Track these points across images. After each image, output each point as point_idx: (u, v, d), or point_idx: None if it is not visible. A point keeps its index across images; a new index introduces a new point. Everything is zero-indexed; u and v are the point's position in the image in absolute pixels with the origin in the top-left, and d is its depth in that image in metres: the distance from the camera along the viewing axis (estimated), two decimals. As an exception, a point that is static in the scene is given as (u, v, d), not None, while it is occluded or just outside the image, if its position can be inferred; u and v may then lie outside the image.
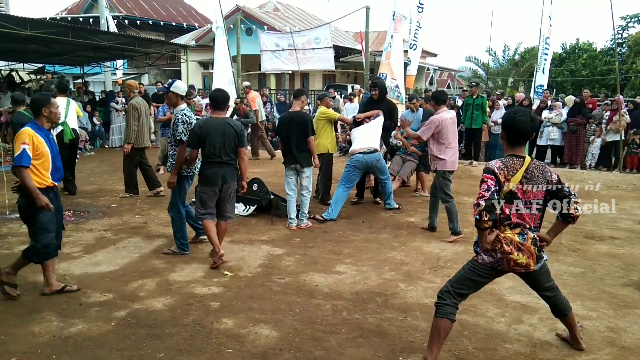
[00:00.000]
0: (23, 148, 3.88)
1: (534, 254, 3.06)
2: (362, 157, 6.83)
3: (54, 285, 4.24)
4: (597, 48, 28.40)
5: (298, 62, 15.20)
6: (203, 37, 23.63)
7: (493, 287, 4.25)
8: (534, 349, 3.43)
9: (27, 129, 4.00)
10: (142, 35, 19.44)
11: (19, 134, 3.98)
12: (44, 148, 4.01)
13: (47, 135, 4.10)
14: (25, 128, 4.02)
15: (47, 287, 4.23)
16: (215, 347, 3.41)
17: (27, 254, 4.14)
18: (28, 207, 4.00)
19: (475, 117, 11.57)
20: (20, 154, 3.87)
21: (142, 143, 7.95)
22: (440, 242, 5.84)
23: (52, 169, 4.07)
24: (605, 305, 4.14)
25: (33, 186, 3.91)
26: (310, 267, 4.99)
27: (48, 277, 4.23)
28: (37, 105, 4.10)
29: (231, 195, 5.12)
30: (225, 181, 4.97)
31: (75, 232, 6.09)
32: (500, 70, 28.46)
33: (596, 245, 5.88)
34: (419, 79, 25.00)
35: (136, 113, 7.80)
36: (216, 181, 4.93)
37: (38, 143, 3.96)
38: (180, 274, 4.75)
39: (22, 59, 17.46)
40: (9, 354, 3.27)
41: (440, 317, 3.09)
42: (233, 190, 5.14)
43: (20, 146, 3.88)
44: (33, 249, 4.11)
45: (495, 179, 2.98)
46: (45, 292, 4.21)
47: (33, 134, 3.96)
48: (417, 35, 12.06)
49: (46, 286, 4.23)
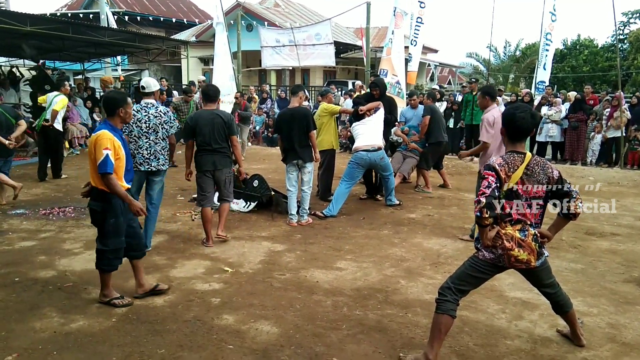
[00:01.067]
0: (106, 154, 3.67)
1: (534, 250, 3.06)
2: (365, 155, 6.82)
3: (145, 285, 4.13)
4: (599, 44, 28.34)
5: (299, 58, 15.19)
6: (203, 33, 23.59)
7: (494, 283, 4.25)
8: (535, 345, 3.43)
9: (106, 133, 3.75)
10: (143, 31, 19.40)
11: (100, 138, 3.72)
12: (122, 151, 3.83)
13: (122, 136, 3.94)
14: (103, 131, 3.76)
15: (140, 288, 4.12)
16: (216, 343, 3.41)
17: (100, 265, 3.94)
18: (104, 211, 3.83)
19: (476, 113, 11.56)
20: (104, 160, 3.66)
21: None
22: (441, 239, 5.84)
23: (125, 171, 3.91)
24: (606, 302, 4.14)
25: (124, 192, 3.79)
26: (311, 264, 4.99)
27: (140, 279, 4.12)
28: (114, 105, 3.87)
29: (226, 180, 5.55)
30: (216, 167, 5.43)
31: (76, 228, 6.10)
32: (501, 67, 28.38)
33: (597, 241, 5.88)
34: (420, 75, 24.96)
35: None
36: (208, 167, 5.42)
37: (118, 147, 3.79)
38: (180, 270, 4.75)
39: (22, 55, 17.43)
40: (10, 350, 3.28)
41: (441, 313, 3.09)
42: (228, 176, 5.56)
43: (103, 152, 3.66)
44: (102, 256, 3.90)
45: (496, 175, 2.97)
46: (138, 294, 4.09)
47: (113, 138, 3.76)
48: (418, 31, 12.03)
49: (138, 287, 4.12)
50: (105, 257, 3.91)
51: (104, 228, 3.87)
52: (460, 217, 6.83)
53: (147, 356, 3.23)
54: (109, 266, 3.94)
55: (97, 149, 3.71)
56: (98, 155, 3.69)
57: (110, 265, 3.94)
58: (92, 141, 3.80)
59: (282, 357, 3.26)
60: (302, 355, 3.28)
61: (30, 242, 5.53)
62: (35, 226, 6.14)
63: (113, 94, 4.15)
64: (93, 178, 3.82)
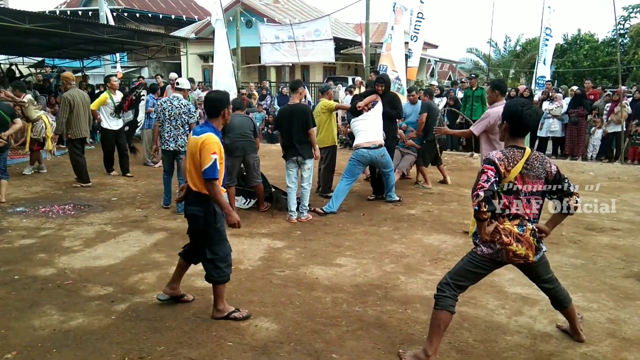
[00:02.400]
0: (214, 159, 3.47)
1: (533, 245, 3.05)
2: (367, 152, 6.81)
3: (225, 309, 3.73)
4: (599, 39, 28.21)
5: (298, 55, 15.15)
6: (203, 30, 23.52)
7: (493, 279, 4.25)
8: (534, 341, 3.43)
9: (213, 136, 3.55)
10: (142, 28, 19.37)
11: (208, 142, 3.50)
12: (224, 155, 3.67)
13: (222, 138, 3.72)
14: (210, 134, 3.55)
15: (217, 312, 3.73)
16: (215, 340, 3.41)
17: (214, 276, 3.66)
18: (207, 216, 3.60)
19: (475, 108, 11.53)
20: (213, 165, 3.47)
21: (80, 134, 8.35)
22: (441, 235, 5.83)
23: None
24: (606, 297, 4.14)
25: (226, 202, 3.63)
26: (311, 260, 4.99)
27: (222, 300, 3.74)
28: (220, 105, 3.67)
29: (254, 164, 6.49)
30: (245, 152, 6.39)
31: (75, 225, 6.09)
32: (501, 62, 28.31)
33: (597, 236, 5.87)
34: (420, 71, 24.90)
35: (68, 106, 8.08)
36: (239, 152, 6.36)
37: (222, 151, 3.62)
38: (180, 267, 4.75)
39: (21, 53, 17.42)
40: (10, 348, 3.28)
41: (440, 309, 3.09)
42: (256, 160, 6.52)
43: (211, 156, 3.47)
44: (213, 265, 3.64)
45: (496, 169, 2.96)
46: (216, 317, 3.71)
47: (219, 142, 3.58)
48: (418, 27, 12.00)
49: (216, 311, 3.73)
50: (217, 266, 3.64)
51: (209, 234, 3.64)
52: (460, 212, 6.82)
53: (147, 353, 3.23)
54: (222, 276, 3.67)
55: (204, 152, 3.49)
56: (205, 159, 3.48)
57: (223, 274, 3.67)
58: (196, 144, 3.54)
59: (281, 353, 3.26)
60: (302, 351, 3.28)
61: (29, 240, 5.53)
62: (35, 224, 6.14)
63: (216, 95, 3.83)
64: (194, 181, 3.61)
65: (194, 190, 3.63)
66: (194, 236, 3.78)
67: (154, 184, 8.45)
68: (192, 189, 3.63)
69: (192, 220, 3.68)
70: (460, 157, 11.39)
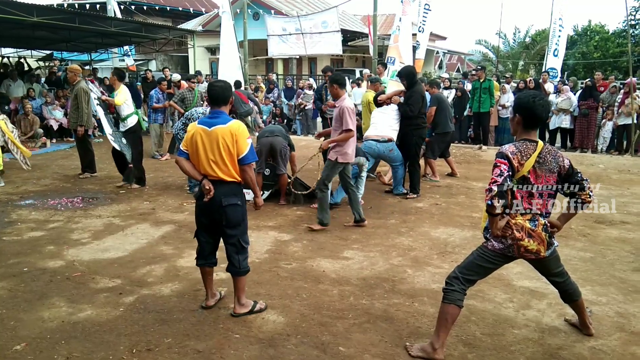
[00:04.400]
0: (250, 143, 3.52)
1: (544, 241, 3.02)
2: (375, 145, 6.80)
3: (248, 303, 3.71)
4: (610, 30, 27.85)
5: (305, 47, 15.10)
6: (210, 22, 23.50)
7: (501, 272, 4.22)
8: (543, 335, 3.41)
9: (240, 122, 3.57)
10: (149, 21, 19.36)
11: (241, 129, 3.50)
12: None
13: None
14: (236, 121, 3.56)
15: (241, 307, 3.68)
16: (222, 333, 3.42)
17: (244, 267, 3.64)
18: (243, 205, 3.61)
19: (483, 100, 11.47)
20: (251, 149, 3.52)
21: (92, 124, 8.59)
22: (448, 228, 5.80)
23: None
24: (615, 291, 4.11)
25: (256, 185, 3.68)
26: (318, 253, 4.99)
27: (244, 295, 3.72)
28: (229, 93, 3.64)
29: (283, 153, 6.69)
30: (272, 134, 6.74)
31: (84, 218, 6.13)
32: (510, 54, 28.05)
33: (606, 229, 5.82)
34: (428, 63, 24.76)
35: (86, 96, 8.03)
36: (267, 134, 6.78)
37: None
38: (188, 260, 4.76)
39: (30, 46, 17.48)
40: (19, 339, 3.30)
41: (448, 303, 3.07)
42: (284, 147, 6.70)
43: (247, 141, 3.49)
44: (246, 255, 3.67)
45: (509, 164, 2.91)
46: (237, 313, 3.65)
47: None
48: (426, 18, 11.90)
49: (240, 306, 3.68)
50: (245, 256, 3.66)
51: (243, 223, 3.63)
52: (467, 205, 6.79)
53: (154, 345, 3.25)
54: (248, 265, 3.69)
55: (240, 139, 3.47)
56: (243, 146, 3.47)
57: (248, 264, 3.70)
58: (229, 133, 3.46)
59: (288, 346, 3.26)
60: (309, 344, 3.28)
61: (38, 232, 5.57)
62: (44, 216, 6.18)
63: (223, 84, 3.71)
64: (228, 171, 3.50)
65: (228, 181, 3.53)
66: (227, 227, 3.58)
67: (162, 177, 8.48)
68: (226, 179, 3.51)
69: (232, 211, 3.54)
70: (468, 150, 11.31)
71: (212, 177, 3.51)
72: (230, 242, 3.63)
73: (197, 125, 3.57)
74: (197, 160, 3.54)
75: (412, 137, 7.01)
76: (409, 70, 7.31)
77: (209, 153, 3.48)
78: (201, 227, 3.70)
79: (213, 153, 3.47)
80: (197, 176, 3.57)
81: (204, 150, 3.49)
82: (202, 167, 3.52)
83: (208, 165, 3.49)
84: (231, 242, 3.62)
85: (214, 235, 3.70)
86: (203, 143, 3.49)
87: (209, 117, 3.59)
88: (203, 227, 3.68)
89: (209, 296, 3.80)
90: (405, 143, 7.07)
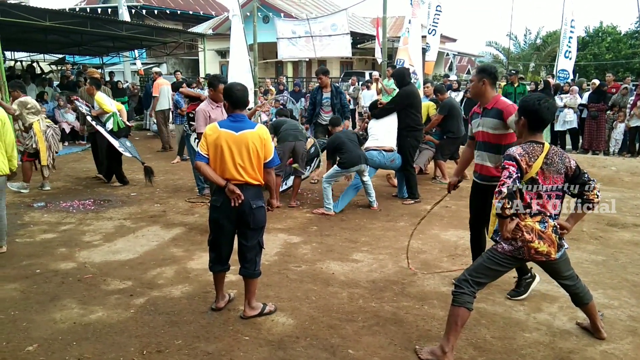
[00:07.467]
0: (274, 146, 3.60)
1: (555, 242, 3.00)
2: (376, 155, 6.78)
3: (258, 305, 3.71)
4: (622, 31, 27.64)
5: (315, 49, 15.10)
6: (220, 26, 23.64)
7: (512, 275, 4.19)
8: (554, 338, 3.38)
9: (265, 127, 3.62)
10: (160, 25, 19.51)
11: (267, 133, 3.53)
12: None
13: None
14: (262, 125, 3.58)
15: (251, 310, 3.67)
16: (232, 335, 3.43)
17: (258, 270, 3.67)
18: (264, 207, 3.63)
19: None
20: (276, 153, 3.62)
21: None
22: (458, 230, 5.78)
23: None
24: (627, 294, 4.06)
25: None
26: (327, 255, 4.99)
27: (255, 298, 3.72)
28: (247, 96, 3.63)
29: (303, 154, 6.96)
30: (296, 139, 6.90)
31: (95, 220, 6.18)
32: (521, 55, 27.95)
33: (619, 232, 5.76)
34: (438, 65, 24.71)
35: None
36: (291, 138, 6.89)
37: None
38: (198, 262, 4.78)
39: (42, 50, 17.68)
40: (31, 340, 3.34)
41: (458, 306, 3.06)
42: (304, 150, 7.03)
43: (272, 145, 3.57)
44: (260, 257, 3.71)
45: (517, 165, 2.92)
46: (247, 315, 3.65)
47: None
48: (436, 20, 11.88)
49: (250, 309, 3.68)
50: (260, 258, 3.71)
51: (264, 225, 3.67)
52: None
53: (165, 347, 3.26)
54: (259, 268, 3.72)
55: (268, 144, 3.49)
56: (270, 150, 3.51)
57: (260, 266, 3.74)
58: (257, 137, 3.45)
59: (297, 348, 3.26)
60: (318, 346, 3.28)
61: (50, 235, 5.63)
62: (56, 219, 6.24)
63: (242, 86, 3.63)
64: (254, 175, 3.48)
65: (254, 184, 3.51)
66: (253, 230, 3.56)
67: (172, 180, 8.53)
68: (253, 183, 3.49)
69: (260, 213, 3.54)
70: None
71: (237, 182, 3.44)
72: (251, 244, 3.60)
73: (219, 128, 3.45)
74: (222, 165, 3.44)
75: (406, 139, 6.99)
76: (400, 71, 7.43)
77: (236, 157, 3.41)
78: (221, 232, 3.59)
79: (242, 157, 3.41)
80: (220, 181, 3.44)
81: (231, 154, 3.41)
82: (228, 172, 3.43)
83: (235, 170, 3.42)
84: (252, 245, 3.60)
85: (233, 239, 3.67)
86: (229, 147, 3.40)
87: (232, 120, 3.50)
88: (223, 232, 3.58)
89: (219, 298, 3.81)
90: (400, 146, 7.07)
